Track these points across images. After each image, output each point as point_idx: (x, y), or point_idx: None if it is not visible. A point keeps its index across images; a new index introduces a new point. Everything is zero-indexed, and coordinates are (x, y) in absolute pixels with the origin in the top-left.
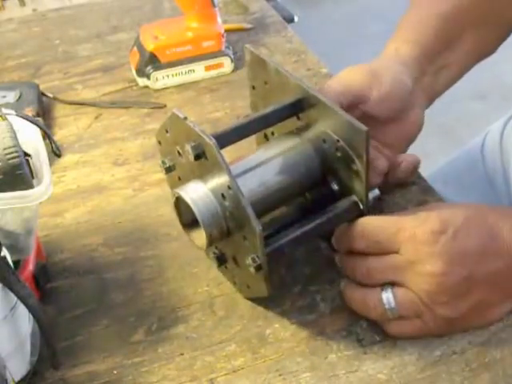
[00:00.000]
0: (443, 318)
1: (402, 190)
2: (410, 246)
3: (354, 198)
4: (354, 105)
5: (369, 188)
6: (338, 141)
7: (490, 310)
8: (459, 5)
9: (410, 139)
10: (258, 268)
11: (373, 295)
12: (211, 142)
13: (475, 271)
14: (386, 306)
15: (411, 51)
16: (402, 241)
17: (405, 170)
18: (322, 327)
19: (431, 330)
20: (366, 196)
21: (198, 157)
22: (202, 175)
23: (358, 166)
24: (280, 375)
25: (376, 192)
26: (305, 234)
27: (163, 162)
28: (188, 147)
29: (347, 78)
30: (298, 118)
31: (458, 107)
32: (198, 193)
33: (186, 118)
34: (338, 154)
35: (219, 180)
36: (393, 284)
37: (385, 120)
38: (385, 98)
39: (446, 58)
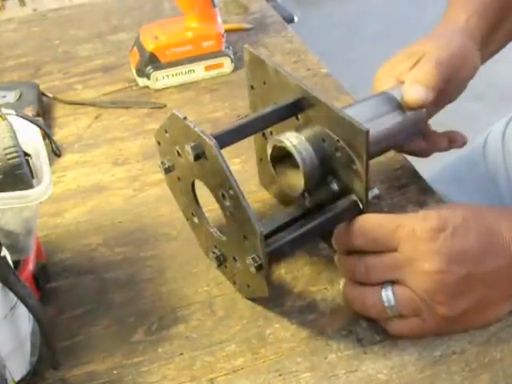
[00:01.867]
0: (442, 317)
1: (402, 189)
2: (409, 244)
3: (354, 197)
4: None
5: (368, 187)
6: (338, 141)
7: (489, 309)
8: None
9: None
10: (259, 268)
11: (372, 294)
12: (211, 142)
13: (474, 270)
14: (386, 304)
15: (479, 24)
16: (400, 238)
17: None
18: (322, 327)
19: (431, 329)
20: (366, 195)
21: (197, 157)
22: (202, 176)
23: (358, 165)
24: (280, 375)
25: (375, 191)
26: (305, 234)
27: (162, 163)
28: (188, 147)
29: (447, 61)
30: (297, 119)
31: (456, 108)
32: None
33: (185, 118)
34: (338, 154)
35: (220, 181)
36: (392, 282)
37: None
38: (461, 85)
39: (503, 29)
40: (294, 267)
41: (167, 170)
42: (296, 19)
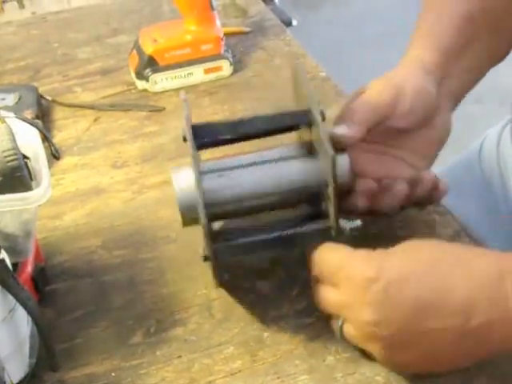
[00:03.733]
0: (387, 361)
1: None
2: (347, 288)
3: (328, 223)
4: (380, 122)
5: (337, 215)
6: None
7: (444, 362)
8: (475, 7)
9: (440, 144)
10: (205, 259)
11: (333, 320)
12: (186, 128)
13: (406, 327)
14: (338, 330)
15: (435, 57)
16: (341, 279)
17: (424, 189)
18: (320, 330)
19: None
20: (336, 223)
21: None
22: None
23: (330, 191)
24: (278, 378)
25: (357, 223)
26: (264, 241)
27: None
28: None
29: (374, 97)
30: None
31: (456, 111)
32: None
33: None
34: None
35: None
36: None
37: (412, 129)
38: (409, 112)
39: (468, 59)
40: (291, 270)
41: None
42: (295, 22)
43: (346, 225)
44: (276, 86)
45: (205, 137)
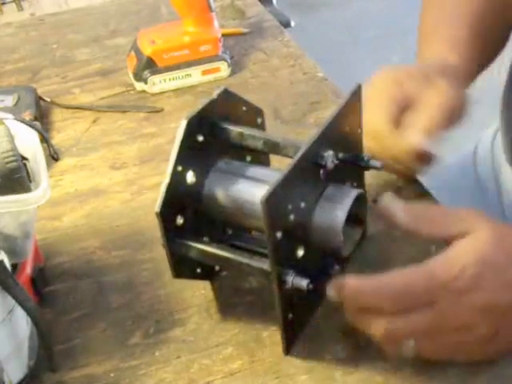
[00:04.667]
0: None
1: (398, 193)
2: (445, 297)
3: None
4: None
5: (276, 264)
6: None
7: None
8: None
9: None
10: (162, 246)
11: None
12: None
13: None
14: (404, 348)
15: (458, 62)
16: (433, 294)
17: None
18: (319, 329)
19: None
20: (275, 271)
21: None
22: None
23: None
24: (277, 378)
25: (302, 283)
26: (215, 255)
27: None
28: None
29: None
30: None
31: None
32: None
33: None
34: None
35: None
36: None
37: None
38: None
39: (483, 58)
40: None
41: None
42: (293, 23)
43: (289, 279)
44: (274, 87)
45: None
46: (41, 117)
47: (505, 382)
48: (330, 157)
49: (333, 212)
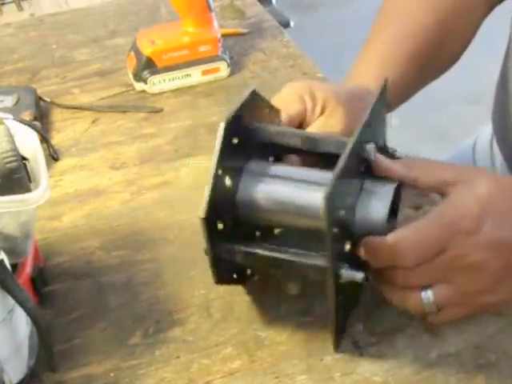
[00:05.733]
0: (484, 304)
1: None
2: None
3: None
4: None
5: (334, 258)
6: None
7: None
8: (430, 19)
9: None
10: (205, 252)
11: (413, 297)
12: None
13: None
14: (425, 302)
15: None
16: (449, 237)
17: None
18: (318, 330)
19: (470, 312)
20: (332, 266)
21: None
22: None
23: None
24: (276, 378)
25: (357, 276)
26: (263, 257)
27: None
28: None
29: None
30: None
31: (451, 111)
32: None
33: None
34: None
35: None
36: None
37: None
38: None
39: (417, 86)
40: None
41: None
42: (292, 24)
43: (345, 273)
44: (273, 87)
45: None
46: (41, 117)
47: (504, 382)
48: (372, 149)
49: (375, 206)
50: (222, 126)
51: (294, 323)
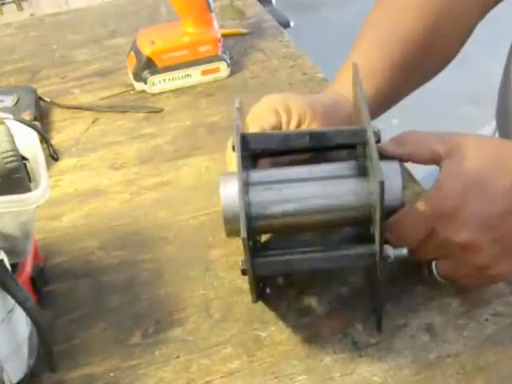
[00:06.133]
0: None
1: None
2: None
3: (374, 248)
4: None
5: (383, 241)
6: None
7: None
8: (418, 25)
9: None
10: (243, 272)
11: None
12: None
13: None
14: (434, 273)
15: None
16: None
17: None
18: (318, 330)
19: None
20: (381, 249)
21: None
22: None
23: (376, 217)
24: (276, 378)
25: (403, 251)
26: (305, 259)
27: None
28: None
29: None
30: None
31: (452, 112)
32: None
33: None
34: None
35: None
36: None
37: None
38: None
39: (403, 93)
40: None
41: None
42: (292, 24)
43: (391, 252)
44: (273, 87)
45: (253, 147)
46: (40, 117)
47: (503, 383)
48: (379, 132)
49: (388, 186)
50: (239, 138)
51: (294, 323)
